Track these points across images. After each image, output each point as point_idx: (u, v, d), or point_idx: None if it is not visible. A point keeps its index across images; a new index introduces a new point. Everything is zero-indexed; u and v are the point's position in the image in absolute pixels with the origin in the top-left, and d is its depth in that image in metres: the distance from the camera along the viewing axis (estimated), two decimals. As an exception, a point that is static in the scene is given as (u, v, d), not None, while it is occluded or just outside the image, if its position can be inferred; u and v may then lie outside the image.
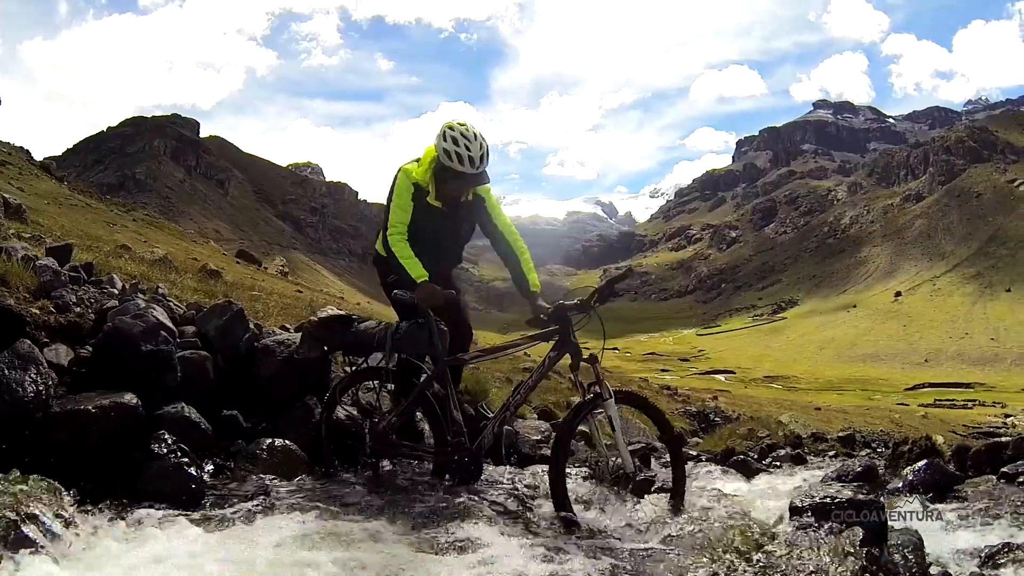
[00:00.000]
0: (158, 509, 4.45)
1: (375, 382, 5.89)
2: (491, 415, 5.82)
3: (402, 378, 5.76)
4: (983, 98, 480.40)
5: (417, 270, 5.49)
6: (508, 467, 6.51)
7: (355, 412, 6.57)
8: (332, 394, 5.97)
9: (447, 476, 5.51)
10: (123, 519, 4.18)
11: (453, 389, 5.53)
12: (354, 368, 5.96)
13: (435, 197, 5.70)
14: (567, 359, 5.22)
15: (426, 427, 6.23)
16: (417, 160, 5.76)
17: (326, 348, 6.29)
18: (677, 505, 5.19)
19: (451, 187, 5.63)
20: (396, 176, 5.76)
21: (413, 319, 5.55)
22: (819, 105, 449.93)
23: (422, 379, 5.58)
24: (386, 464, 5.93)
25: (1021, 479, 6.58)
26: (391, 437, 5.69)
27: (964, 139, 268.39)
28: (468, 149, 5.39)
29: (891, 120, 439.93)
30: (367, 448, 5.70)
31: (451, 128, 5.46)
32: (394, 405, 6.00)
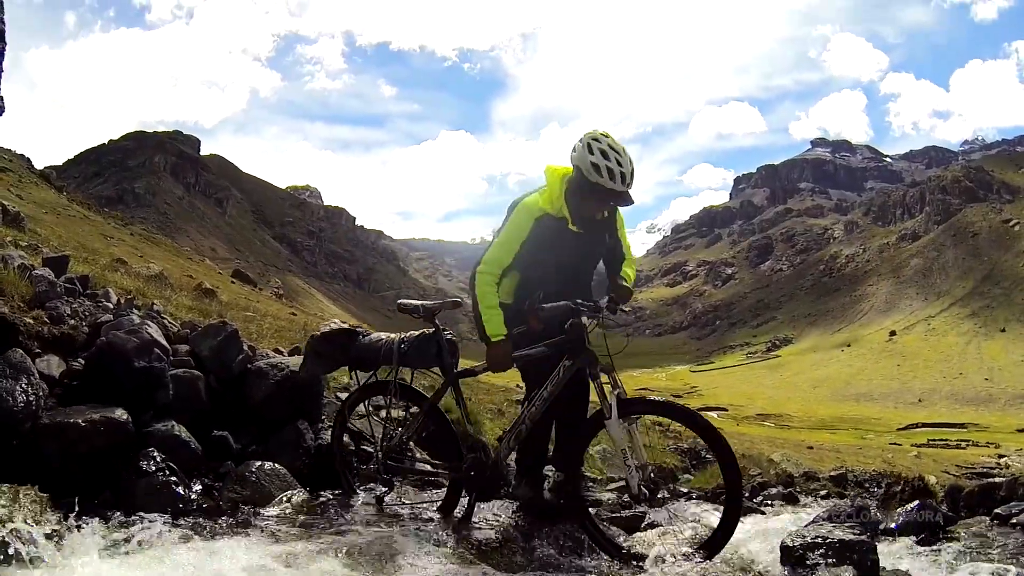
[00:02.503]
0: (144, 527, 4.41)
1: (386, 398, 5.55)
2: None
3: (411, 392, 5.52)
4: (979, 138, 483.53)
5: (496, 325, 4.91)
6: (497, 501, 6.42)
7: (346, 438, 6.52)
8: (341, 411, 5.83)
9: (463, 494, 5.28)
10: (108, 535, 4.14)
11: (464, 403, 5.38)
12: (361, 384, 5.72)
13: (573, 222, 5.02)
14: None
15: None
16: (537, 191, 5.13)
17: (331, 364, 5.94)
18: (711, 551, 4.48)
19: (594, 207, 5.04)
20: (511, 212, 5.16)
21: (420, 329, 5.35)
22: (817, 143, 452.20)
23: (433, 393, 5.40)
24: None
25: (1015, 520, 6.54)
26: (406, 453, 5.53)
27: (960, 179, 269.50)
28: (620, 164, 4.80)
29: (888, 159, 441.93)
30: (378, 466, 5.49)
31: (597, 140, 4.86)
32: (403, 421, 5.75)
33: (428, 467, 5.71)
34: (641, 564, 4.51)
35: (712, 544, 4.47)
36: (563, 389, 4.93)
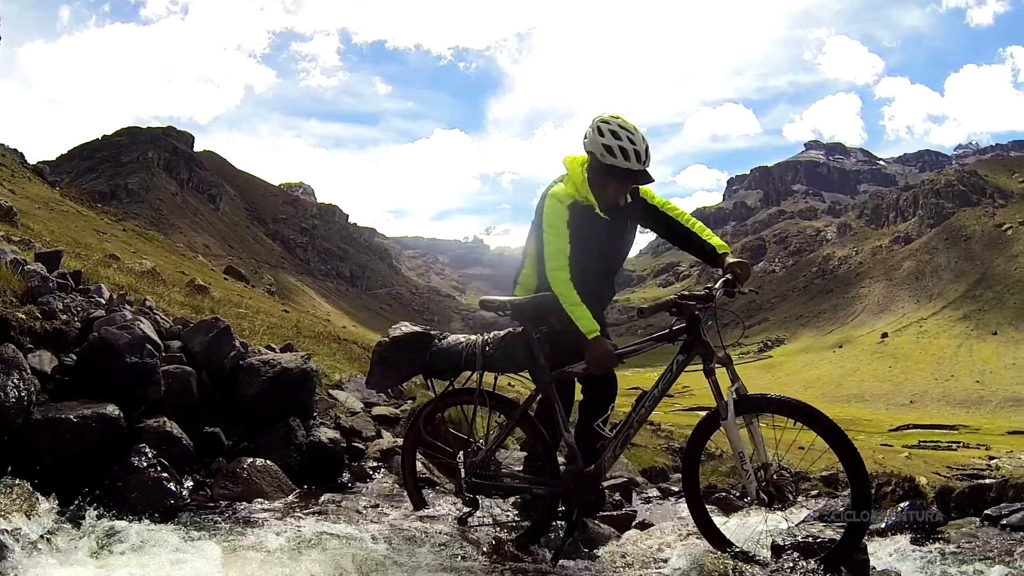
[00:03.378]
0: (134, 523, 4.40)
1: (468, 407, 5.06)
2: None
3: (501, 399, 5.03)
4: (973, 142, 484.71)
5: (588, 322, 4.56)
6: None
7: (338, 435, 6.51)
8: (415, 424, 5.34)
9: (562, 507, 4.73)
10: (98, 531, 4.13)
11: (561, 408, 4.85)
12: (439, 393, 5.19)
13: (600, 208, 4.86)
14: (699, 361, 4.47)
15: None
16: (561, 180, 4.99)
17: (402, 373, 5.20)
18: None
19: (614, 190, 4.84)
20: (542, 204, 4.95)
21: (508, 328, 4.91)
22: (811, 146, 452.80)
23: (524, 400, 4.97)
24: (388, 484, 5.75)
25: (1004, 522, 6.56)
26: (491, 469, 4.94)
27: (954, 183, 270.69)
28: (632, 142, 4.64)
29: (882, 162, 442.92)
30: (462, 483, 4.96)
31: (606, 122, 4.72)
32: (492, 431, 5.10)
33: (519, 482, 5.07)
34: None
35: (836, 557, 4.20)
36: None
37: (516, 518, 5.22)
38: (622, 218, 4.99)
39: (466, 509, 5.01)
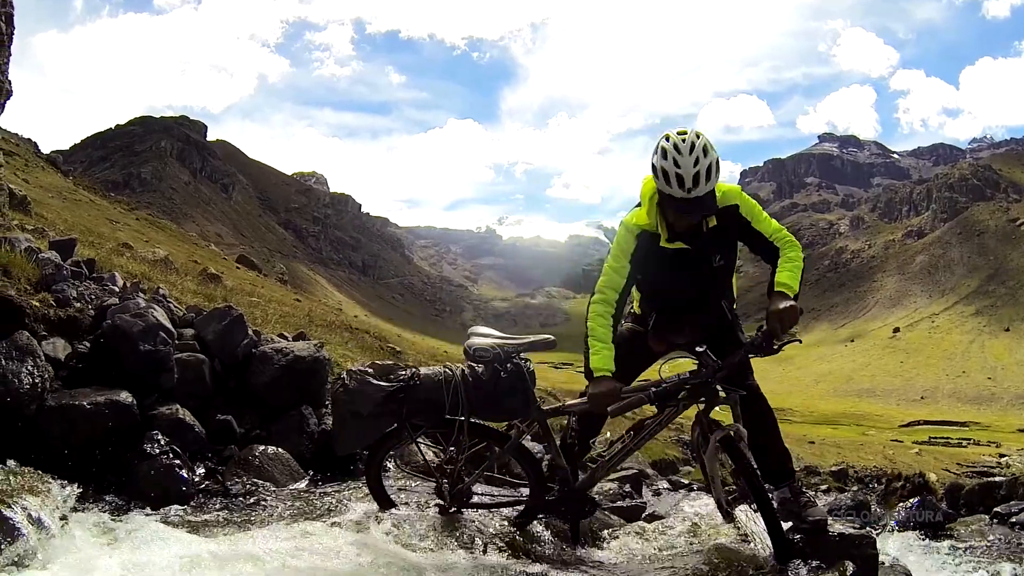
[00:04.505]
0: (145, 509, 4.44)
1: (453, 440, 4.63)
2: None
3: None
4: (988, 136, 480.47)
5: (603, 360, 4.38)
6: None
7: None
8: (372, 460, 4.88)
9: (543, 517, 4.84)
10: (110, 517, 4.17)
11: (552, 438, 4.73)
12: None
13: (668, 239, 4.45)
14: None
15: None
16: (639, 205, 4.58)
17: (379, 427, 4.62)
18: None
19: (674, 217, 4.37)
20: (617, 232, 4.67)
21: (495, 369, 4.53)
22: (825, 138, 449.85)
23: (516, 431, 4.70)
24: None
25: (1014, 519, 6.57)
26: (471, 496, 4.84)
27: (968, 177, 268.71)
28: (677, 164, 4.12)
29: (896, 155, 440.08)
30: (445, 506, 4.80)
31: (666, 138, 4.24)
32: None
33: (502, 504, 5.02)
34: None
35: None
36: None
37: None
38: (704, 243, 4.50)
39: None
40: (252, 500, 4.99)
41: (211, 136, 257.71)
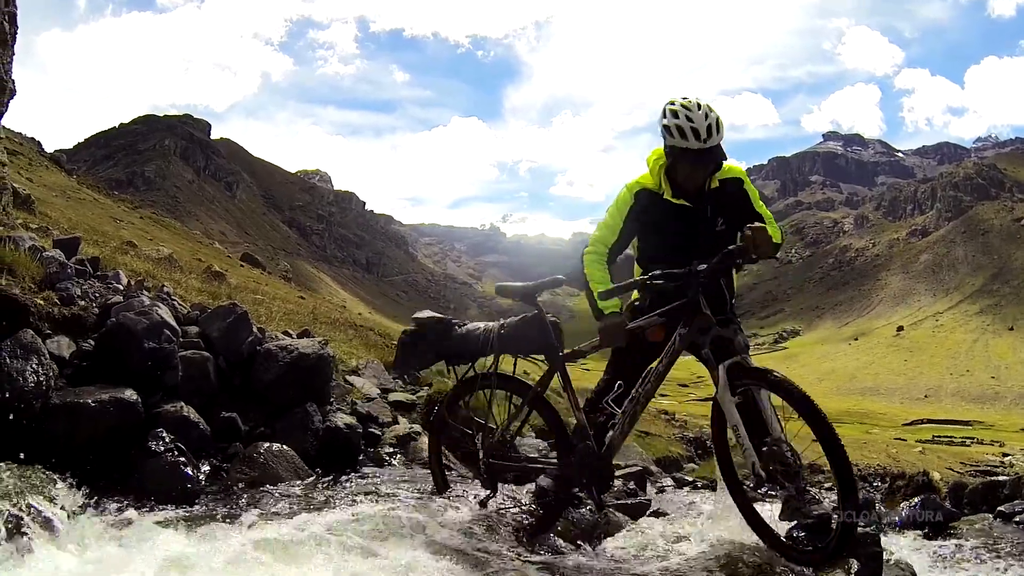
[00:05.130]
0: (151, 507, 4.46)
1: (485, 391, 5.15)
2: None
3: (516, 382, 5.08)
4: (993, 135, 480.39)
5: (605, 298, 4.68)
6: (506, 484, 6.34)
7: (354, 421, 6.55)
8: (440, 411, 5.40)
9: (574, 489, 4.81)
10: (114, 514, 4.18)
11: (572, 388, 4.88)
12: (459, 378, 5.24)
13: (673, 194, 4.79)
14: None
15: None
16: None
17: (425, 358, 5.54)
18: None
19: (686, 172, 4.74)
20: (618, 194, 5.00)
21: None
22: (829, 136, 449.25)
23: (537, 381, 4.98)
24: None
25: (1018, 518, 6.56)
26: (507, 451, 5.08)
27: (972, 176, 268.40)
28: (691, 120, 4.54)
29: (900, 154, 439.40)
30: (481, 466, 5.08)
31: (670, 103, 4.67)
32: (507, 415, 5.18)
33: (533, 464, 5.18)
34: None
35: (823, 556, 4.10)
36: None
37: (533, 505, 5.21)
38: (705, 202, 4.83)
39: (485, 492, 5.08)
40: (257, 497, 5.00)
41: (215, 134, 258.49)
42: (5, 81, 7.74)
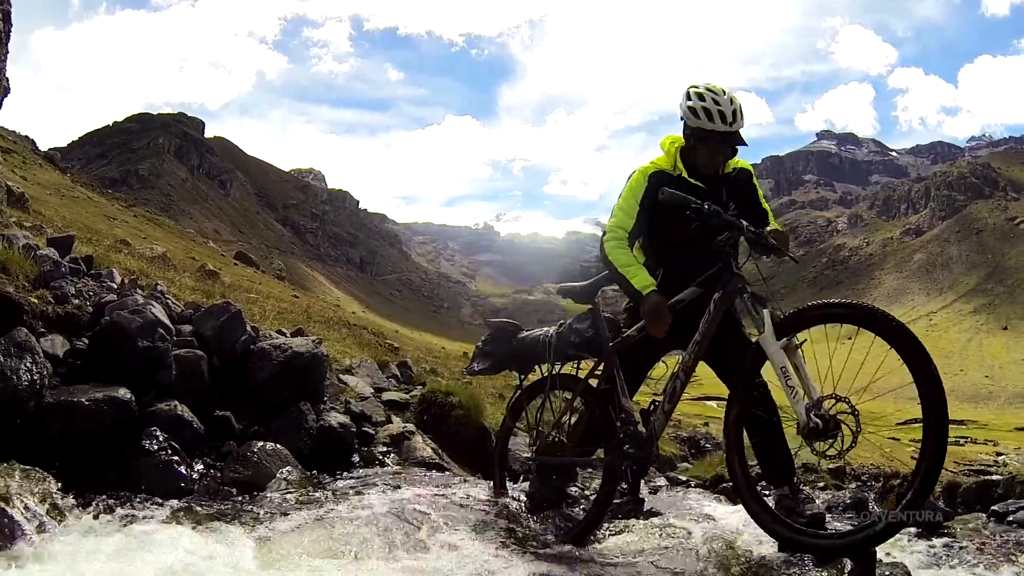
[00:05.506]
0: (144, 505, 4.45)
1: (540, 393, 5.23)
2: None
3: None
4: (987, 135, 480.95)
5: (642, 279, 4.61)
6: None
7: (348, 420, 6.55)
8: (506, 419, 5.58)
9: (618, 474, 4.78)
10: (108, 513, 4.17)
11: (620, 376, 4.78)
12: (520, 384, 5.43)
13: (689, 175, 4.74)
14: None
15: None
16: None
17: (497, 363, 5.46)
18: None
19: (707, 155, 4.72)
20: (628, 178, 4.94)
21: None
22: (823, 135, 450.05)
23: (587, 373, 5.04)
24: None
25: (1011, 518, 6.57)
26: (556, 447, 5.10)
27: (966, 175, 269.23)
28: (717, 103, 4.55)
29: (894, 153, 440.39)
30: (531, 467, 5.30)
31: (694, 86, 4.67)
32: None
33: (580, 460, 5.22)
34: None
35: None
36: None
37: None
38: (719, 187, 4.80)
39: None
40: (250, 496, 4.99)
41: (209, 133, 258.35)
42: (-1, 79, 7.72)
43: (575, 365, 5.23)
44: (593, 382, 5.04)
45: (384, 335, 25.06)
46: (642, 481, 5.94)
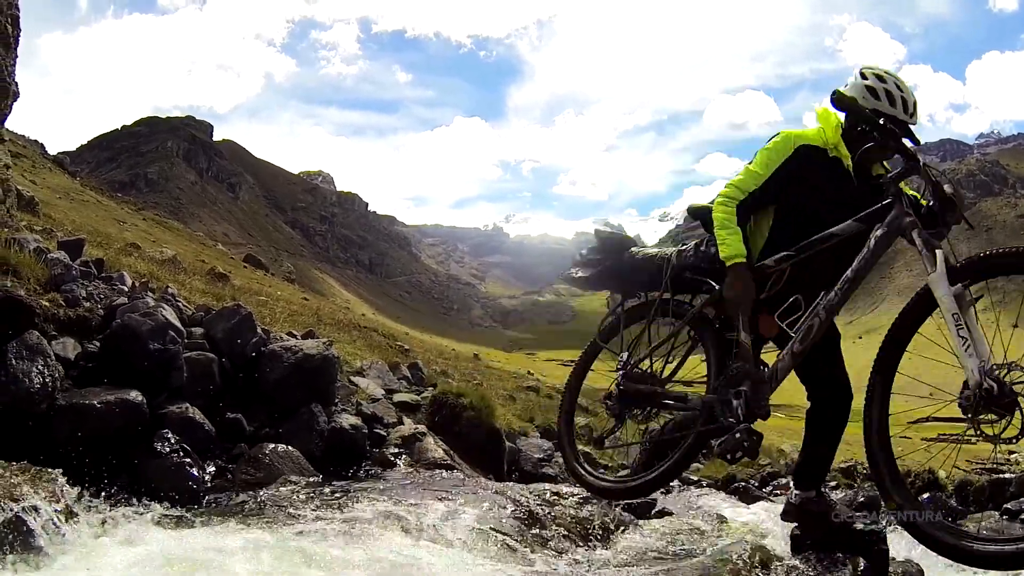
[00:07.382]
0: (156, 507, 4.46)
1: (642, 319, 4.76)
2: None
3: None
4: (995, 131, 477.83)
5: (734, 246, 4.05)
6: (511, 484, 6.36)
7: (359, 422, 6.55)
8: (570, 383, 5.31)
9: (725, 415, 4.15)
10: (121, 515, 4.18)
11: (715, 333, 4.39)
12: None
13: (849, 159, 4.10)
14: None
15: None
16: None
17: (599, 280, 4.98)
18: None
19: (874, 149, 4.00)
20: (770, 139, 4.29)
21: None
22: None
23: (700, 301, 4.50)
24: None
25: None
26: (648, 376, 4.65)
27: (975, 172, 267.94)
28: (900, 88, 3.97)
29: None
30: (614, 389, 4.73)
31: (871, 67, 4.06)
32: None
33: (669, 394, 4.63)
34: None
35: None
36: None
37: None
38: (869, 185, 4.13)
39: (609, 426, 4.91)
40: (262, 498, 4.99)
41: (217, 136, 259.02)
42: (8, 84, 7.77)
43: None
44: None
45: (394, 337, 25.06)
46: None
